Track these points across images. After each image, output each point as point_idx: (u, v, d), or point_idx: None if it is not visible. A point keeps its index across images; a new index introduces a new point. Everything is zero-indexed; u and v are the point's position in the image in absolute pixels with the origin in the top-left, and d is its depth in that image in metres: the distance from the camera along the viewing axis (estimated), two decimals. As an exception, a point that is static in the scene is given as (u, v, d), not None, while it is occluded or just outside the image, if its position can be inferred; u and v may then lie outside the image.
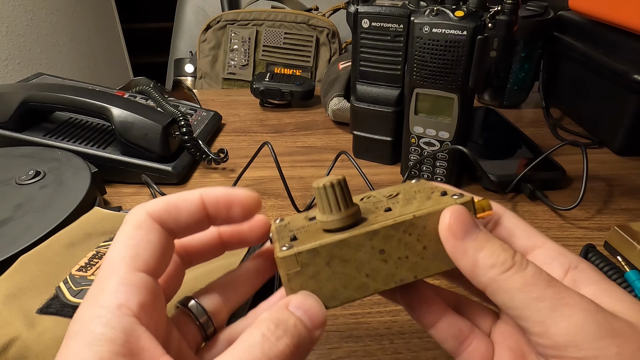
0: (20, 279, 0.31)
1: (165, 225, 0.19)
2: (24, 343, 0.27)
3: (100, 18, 1.77)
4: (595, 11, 0.60)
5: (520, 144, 0.59)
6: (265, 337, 0.16)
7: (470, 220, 0.19)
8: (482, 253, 0.18)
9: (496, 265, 0.18)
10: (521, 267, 0.18)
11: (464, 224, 0.19)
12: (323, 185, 0.19)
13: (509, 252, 0.18)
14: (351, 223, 0.20)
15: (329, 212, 0.20)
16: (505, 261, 0.18)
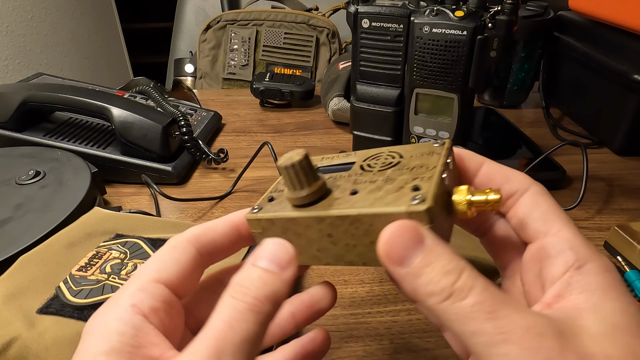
0: (20, 279, 0.31)
1: (201, 247, 0.21)
2: (24, 343, 0.27)
3: (100, 18, 1.77)
4: (595, 11, 0.60)
5: (520, 144, 0.59)
6: (234, 299, 0.17)
7: (408, 242, 0.17)
8: (419, 280, 0.17)
9: (434, 294, 0.16)
10: (459, 296, 0.16)
11: (400, 250, 0.17)
12: (284, 166, 0.20)
13: (450, 277, 0.16)
14: (313, 200, 0.20)
15: (293, 190, 0.20)
16: (442, 290, 0.16)
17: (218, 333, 0.16)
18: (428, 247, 0.17)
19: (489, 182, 0.22)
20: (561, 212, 0.20)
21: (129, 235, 0.37)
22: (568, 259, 0.18)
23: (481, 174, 0.22)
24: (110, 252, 0.34)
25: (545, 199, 0.20)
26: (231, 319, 0.16)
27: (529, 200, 0.20)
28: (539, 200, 0.20)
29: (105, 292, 0.31)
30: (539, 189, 0.21)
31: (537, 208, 0.20)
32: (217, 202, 0.51)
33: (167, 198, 0.48)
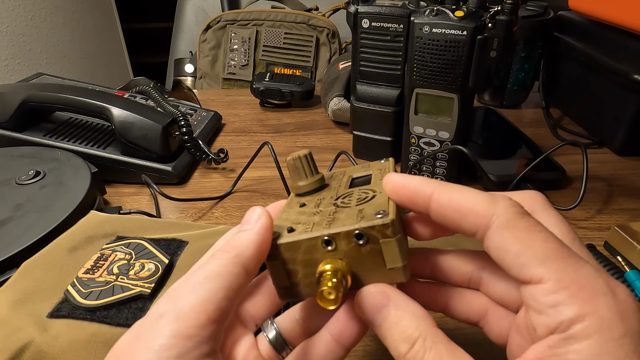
0: (26, 285, 0.31)
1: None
2: (38, 348, 0.27)
3: (100, 18, 1.77)
4: (595, 11, 0.60)
5: (520, 144, 0.59)
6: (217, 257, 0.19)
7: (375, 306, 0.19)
8: (385, 341, 0.18)
9: (394, 356, 0.18)
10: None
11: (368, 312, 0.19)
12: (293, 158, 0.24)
13: (404, 345, 0.17)
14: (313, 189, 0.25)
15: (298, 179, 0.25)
16: (398, 356, 0.18)
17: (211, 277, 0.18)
18: (392, 312, 0.18)
19: (443, 219, 0.19)
20: (538, 248, 0.16)
21: (131, 236, 0.37)
22: (550, 321, 0.15)
23: (433, 209, 0.19)
24: (115, 253, 0.34)
25: (513, 233, 0.16)
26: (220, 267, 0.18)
27: (494, 241, 0.17)
28: (505, 240, 0.17)
29: (115, 292, 0.31)
30: (501, 220, 0.17)
31: (506, 252, 0.17)
32: (217, 202, 0.51)
33: (167, 198, 0.48)
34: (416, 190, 0.19)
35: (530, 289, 0.16)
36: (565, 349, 0.15)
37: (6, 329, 0.28)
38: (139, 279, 0.32)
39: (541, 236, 0.16)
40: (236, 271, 0.19)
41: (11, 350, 0.26)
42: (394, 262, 0.19)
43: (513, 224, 0.17)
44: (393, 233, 0.19)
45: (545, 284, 0.15)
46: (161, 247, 0.35)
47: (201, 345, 0.17)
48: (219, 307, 0.18)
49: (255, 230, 0.20)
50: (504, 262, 0.17)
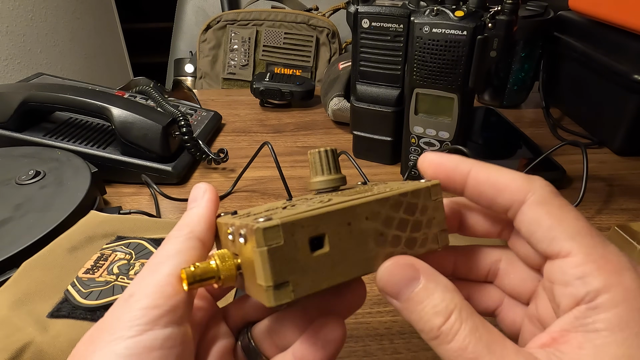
0: (26, 285, 0.31)
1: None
2: (38, 347, 0.27)
3: (100, 18, 1.77)
4: (595, 11, 0.60)
5: (520, 144, 0.59)
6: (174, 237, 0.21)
7: (404, 278, 0.18)
8: (412, 316, 0.18)
9: (423, 331, 0.17)
10: (445, 339, 0.16)
11: (395, 285, 0.18)
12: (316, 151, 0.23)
13: (439, 318, 0.17)
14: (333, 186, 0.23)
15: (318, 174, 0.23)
16: (430, 330, 0.17)
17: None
18: (422, 283, 0.17)
19: (479, 196, 0.20)
20: (569, 224, 0.17)
21: (130, 236, 0.37)
22: (577, 292, 0.16)
23: (469, 186, 0.20)
24: (115, 253, 0.34)
25: (547, 211, 0.18)
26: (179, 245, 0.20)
27: (529, 215, 0.18)
28: (540, 214, 0.18)
29: (115, 292, 0.31)
30: (537, 196, 0.18)
31: (539, 225, 0.18)
32: (217, 202, 0.51)
33: (167, 198, 0.48)
34: (454, 168, 0.20)
35: (557, 263, 0.17)
36: (592, 319, 0.16)
37: (6, 328, 0.28)
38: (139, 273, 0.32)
39: (572, 214, 0.18)
40: (193, 244, 0.20)
41: (11, 350, 0.26)
42: (260, 278, 0.16)
43: (547, 200, 0.18)
44: (264, 242, 0.16)
45: (574, 257, 0.17)
46: (161, 247, 0.36)
47: (169, 314, 0.18)
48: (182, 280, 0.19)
49: (203, 205, 0.21)
50: (534, 235, 0.18)
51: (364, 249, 0.18)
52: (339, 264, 0.18)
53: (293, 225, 0.17)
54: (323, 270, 0.17)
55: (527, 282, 0.21)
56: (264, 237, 0.16)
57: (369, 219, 0.18)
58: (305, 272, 0.17)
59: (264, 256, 0.16)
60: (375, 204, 0.18)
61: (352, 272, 0.18)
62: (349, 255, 0.18)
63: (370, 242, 0.18)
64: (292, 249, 0.17)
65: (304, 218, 0.17)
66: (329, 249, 0.17)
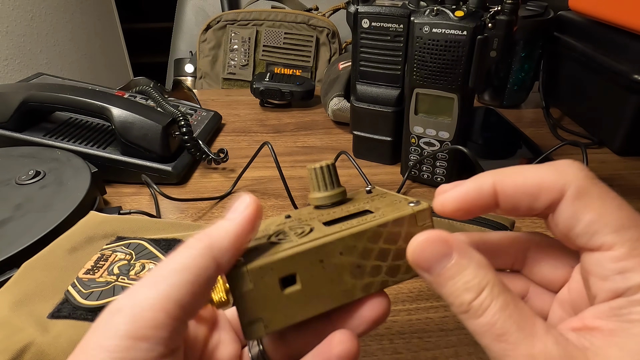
0: (26, 286, 0.31)
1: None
2: (39, 348, 0.27)
3: (100, 18, 1.77)
4: (595, 11, 0.60)
5: (520, 144, 0.59)
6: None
7: (438, 253, 0.17)
8: (443, 290, 0.18)
9: (454, 305, 0.17)
10: (475, 314, 0.17)
11: (428, 258, 0.18)
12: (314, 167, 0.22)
13: (469, 294, 0.17)
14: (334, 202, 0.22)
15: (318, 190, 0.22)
16: (461, 304, 0.17)
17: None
18: (455, 259, 0.17)
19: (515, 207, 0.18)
20: (612, 216, 0.16)
21: (130, 237, 0.37)
22: (617, 286, 0.16)
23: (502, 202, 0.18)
24: (115, 254, 0.34)
25: (586, 202, 0.17)
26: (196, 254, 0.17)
27: (567, 211, 0.17)
28: (580, 209, 0.17)
29: (116, 292, 0.31)
30: (574, 189, 0.17)
31: (578, 221, 0.17)
32: (217, 202, 0.51)
33: (167, 198, 0.48)
34: (478, 193, 0.18)
35: (596, 256, 0.17)
36: (629, 310, 0.16)
37: (7, 329, 0.28)
38: (140, 279, 0.32)
39: (615, 203, 0.17)
40: (205, 264, 0.17)
41: (12, 351, 0.26)
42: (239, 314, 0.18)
43: (586, 192, 0.17)
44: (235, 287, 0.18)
45: (616, 251, 0.16)
46: (161, 247, 0.36)
47: (157, 347, 0.16)
48: (180, 303, 0.16)
49: (237, 221, 0.18)
50: (573, 231, 0.17)
51: (338, 283, 0.18)
52: (313, 298, 0.18)
53: (261, 269, 0.17)
54: (296, 306, 0.18)
55: (559, 270, 0.20)
56: (235, 282, 0.17)
57: (344, 254, 0.18)
58: (278, 309, 0.18)
59: (236, 300, 0.18)
60: (350, 238, 0.18)
61: (328, 304, 0.19)
62: (322, 290, 0.18)
63: (345, 276, 0.18)
64: (263, 290, 0.18)
65: (273, 262, 0.18)
66: (300, 286, 0.18)
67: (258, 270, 0.18)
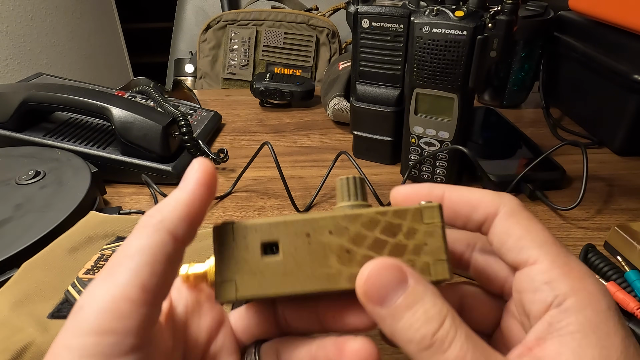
0: (26, 286, 0.31)
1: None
2: (39, 348, 0.27)
3: (100, 18, 1.77)
4: (595, 11, 0.60)
5: (520, 144, 0.59)
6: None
7: (392, 281, 0.16)
8: (399, 324, 0.16)
9: (413, 341, 0.16)
10: (440, 348, 0.15)
11: (380, 289, 0.16)
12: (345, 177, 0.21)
13: (432, 325, 0.15)
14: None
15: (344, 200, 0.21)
16: (423, 338, 0.15)
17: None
18: (411, 287, 0.16)
19: (455, 214, 0.20)
20: (538, 234, 0.18)
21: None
22: (546, 296, 0.16)
23: (446, 207, 0.20)
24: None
25: (517, 221, 0.18)
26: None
27: (501, 227, 0.19)
28: (510, 225, 0.18)
29: None
30: (508, 209, 0.19)
31: (509, 236, 0.18)
32: (217, 202, 0.51)
33: (167, 198, 0.48)
34: (427, 194, 0.20)
35: (526, 271, 0.18)
36: (565, 322, 0.16)
37: (7, 329, 0.28)
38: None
39: (539, 226, 0.18)
40: (161, 240, 0.16)
41: (12, 351, 0.26)
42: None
43: (517, 212, 0.19)
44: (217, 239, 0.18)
45: (541, 264, 0.17)
46: (161, 247, 0.36)
47: (127, 339, 0.15)
48: (143, 287, 0.15)
49: (188, 187, 0.17)
50: (505, 245, 0.18)
51: (323, 264, 0.17)
52: (292, 274, 0.17)
53: (246, 228, 0.17)
54: (272, 277, 0.17)
55: (492, 313, 0.21)
56: (217, 234, 0.17)
57: (333, 234, 0.18)
58: (253, 274, 0.17)
59: (216, 255, 0.17)
60: (342, 219, 0.18)
61: (308, 285, 0.17)
62: (304, 267, 0.17)
63: (332, 258, 0.17)
64: (243, 251, 0.17)
65: (259, 224, 0.17)
66: (282, 257, 0.17)
67: (242, 228, 0.17)
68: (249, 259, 0.17)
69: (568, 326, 0.16)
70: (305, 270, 0.17)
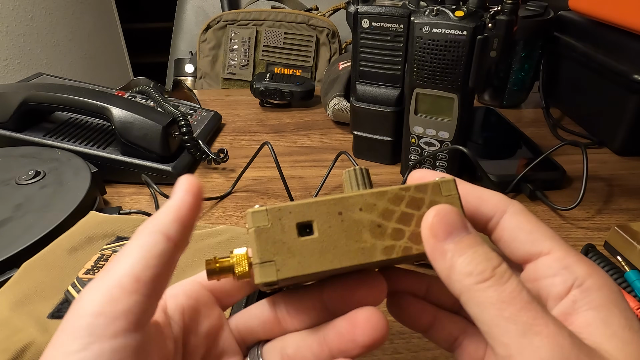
0: (26, 286, 0.31)
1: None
2: (39, 348, 0.27)
3: (100, 18, 1.77)
4: (595, 11, 0.60)
5: (520, 144, 0.59)
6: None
7: (457, 221, 0.18)
8: (461, 259, 0.17)
9: (473, 273, 0.17)
10: (500, 280, 0.16)
11: (448, 225, 0.18)
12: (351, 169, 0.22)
13: (492, 262, 0.17)
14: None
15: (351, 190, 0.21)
16: (483, 271, 0.17)
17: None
18: (472, 233, 0.18)
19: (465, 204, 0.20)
20: (546, 230, 0.19)
21: (130, 237, 0.37)
22: (567, 278, 0.18)
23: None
24: (115, 254, 0.34)
25: (527, 218, 0.20)
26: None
27: (511, 222, 0.20)
28: (521, 221, 0.20)
29: None
30: (517, 208, 0.20)
31: (521, 230, 0.19)
32: (217, 202, 0.51)
33: (167, 198, 0.48)
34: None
35: (541, 260, 0.19)
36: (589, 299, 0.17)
37: (7, 329, 0.28)
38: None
39: (544, 224, 0.20)
40: (155, 239, 0.18)
41: (12, 351, 0.26)
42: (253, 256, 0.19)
43: (524, 212, 0.20)
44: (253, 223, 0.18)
45: (556, 253, 0.18)
46: (161, 247, 0.36)
47: (117, 320, 0.16)
48: (137, 278, 0.17)
49: (177, 196, 0.19)
50: (517, 239, 0.19)
51: (357, 239, 0.18)
52: (329, 250, 0.18)
53: (280, 210, 0.18)
54: (311, 255, 0.18)
55: None
56: (252, 219, 0.18)
57: (363, 210, 0.19)
58: (292, 255, 0.18)
59: (252, 235, 0.18)
60: (370, 196, 0.19)
61: (345, 260, 0.18)
62: (340, 244, 0.18)
63: (364, 233, 0.19)
64: (279, 232, 0.18)
65: (293, 205, 0.18)
66: (317, 235, 0.18)
67: (277, 211, 0.18)
68: (286, 240, 0.18)
69: (592, 302, 0.17)
70: (341, 246, 0.18)
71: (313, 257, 0.18)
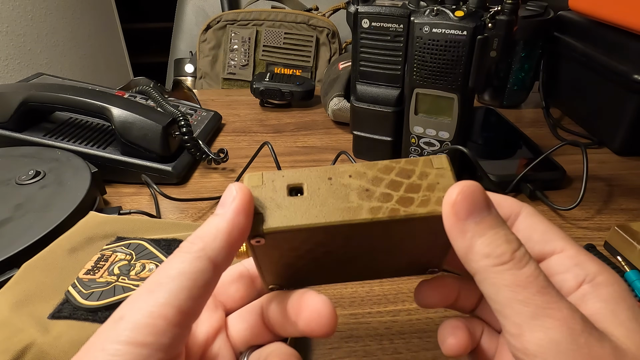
0: (26, 286, 0.31)
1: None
2: (40, 349, 0.27)
3: (100, 18, 1.77)
4: (595, 11, 0.60)
5: (520, 144, 0.59)
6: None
7: (480, 201, 0.17)
8: (480, 240, 0.17)
9: (491, 256, 0.17)
10: (518, 265, 0.17)
11: (471, 204, 0.17)
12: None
13: (512, 245, 0.17)
14: None
15: None
16: (502, 254, 0.17)
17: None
18: (493, 214, 0.18)
19: None
20: (558, 230, 0.20)
21: (130, 237, 0.37)
22: (578, 274, 0.19)
23: None
24: (115, 254, 0.34)
25: (540, 219, 0.21)
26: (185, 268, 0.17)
27: (525, 223, 0.21)
28: (535, 222, 0.20)
29: (117, 293, 0.31)
30: (530, 210, 0.21)
31: (535, 230, 0.20)
32: (217, 202, 0.51)
33: (167, 198, 0.48)
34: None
35: (554, 258, 0.19)
36: (598, 292, 0.18)
37: (7, 330, 0.28)
38: (140, 279, 0.32)
39: (556, 226, 0.21)
40: (201, 267, 0.17)
41: (13, 352, 0.26)
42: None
43: (536, 214, 0.21)
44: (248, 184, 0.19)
45: (569, 251, 0.19)
46: (161, 247, 0.36)
47: (157, 353, 0.16)
48: (180, 309, 0.16)
49: (227, 216, 0.18)
50: (532, 238, 0.20)
51: (345, 200, 0.19)
52: (316, 207, 0.19)
53: (274, 174, 0.20)
54: (298, 210, 0.19)
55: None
56: (248, 180, 0.19)
57: (353, 177, 0.20)
58: (279, 209, 0.19)
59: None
60: (361, 166, 0.20)
61: (331, 217, 0.19)
62: (327, 203, 0.19)
63: (352, 195, 0.19)
64: (270, 191, 0.19)
65: (286, 170, 0.20)
66: (306, 193, 0.19)
67: (271, 174, 0.20)
68: (275, 197, 0.19)
69: (601, 295, 0.18)
70: (328, 205, 0.19)
71: (299, 212, 0.19)
